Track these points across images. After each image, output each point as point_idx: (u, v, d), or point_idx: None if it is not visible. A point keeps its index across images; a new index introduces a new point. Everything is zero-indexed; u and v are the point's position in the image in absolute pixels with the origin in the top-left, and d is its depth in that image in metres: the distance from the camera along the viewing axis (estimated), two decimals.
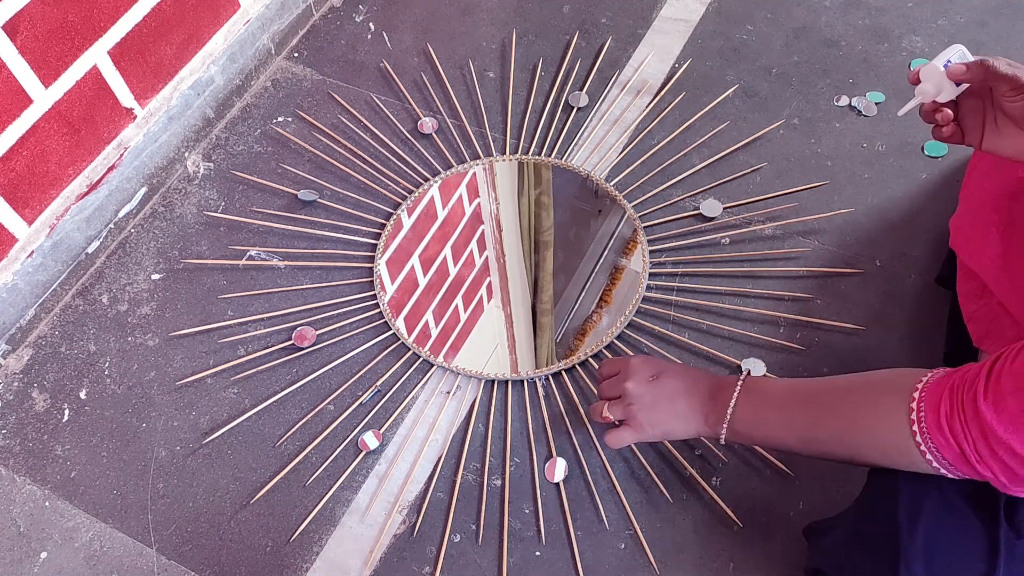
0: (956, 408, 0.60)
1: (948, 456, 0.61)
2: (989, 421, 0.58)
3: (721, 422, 0.75)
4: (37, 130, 0.93)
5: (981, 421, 0.58)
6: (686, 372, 0.80)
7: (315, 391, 0.95)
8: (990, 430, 0.58)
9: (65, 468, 0.91)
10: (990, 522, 0.62)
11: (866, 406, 0.67)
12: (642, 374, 0.80)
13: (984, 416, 0.58)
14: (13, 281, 0.95)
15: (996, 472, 0.59)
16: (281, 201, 1.08)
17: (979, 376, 0.59)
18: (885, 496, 0.67)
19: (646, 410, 0.78)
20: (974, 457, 0.59)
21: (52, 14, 0.88)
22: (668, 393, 0.78)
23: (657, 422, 0.78)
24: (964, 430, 0.59)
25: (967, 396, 0.59)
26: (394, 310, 1.00)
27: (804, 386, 0.74)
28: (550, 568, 0.84)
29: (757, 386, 0.75)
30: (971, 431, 0.59)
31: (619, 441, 0.80)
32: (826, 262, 1.00)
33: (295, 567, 0.85)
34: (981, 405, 0.58)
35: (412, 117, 1.15)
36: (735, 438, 0.75)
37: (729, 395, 0.75)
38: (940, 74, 0.69)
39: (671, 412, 0.78)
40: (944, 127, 0.71)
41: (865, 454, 0.67)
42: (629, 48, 1.20)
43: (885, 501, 0.67)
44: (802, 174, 1.06)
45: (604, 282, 1.03)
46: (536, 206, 1.10)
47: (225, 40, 1.12)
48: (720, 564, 0.83)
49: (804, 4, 1.22)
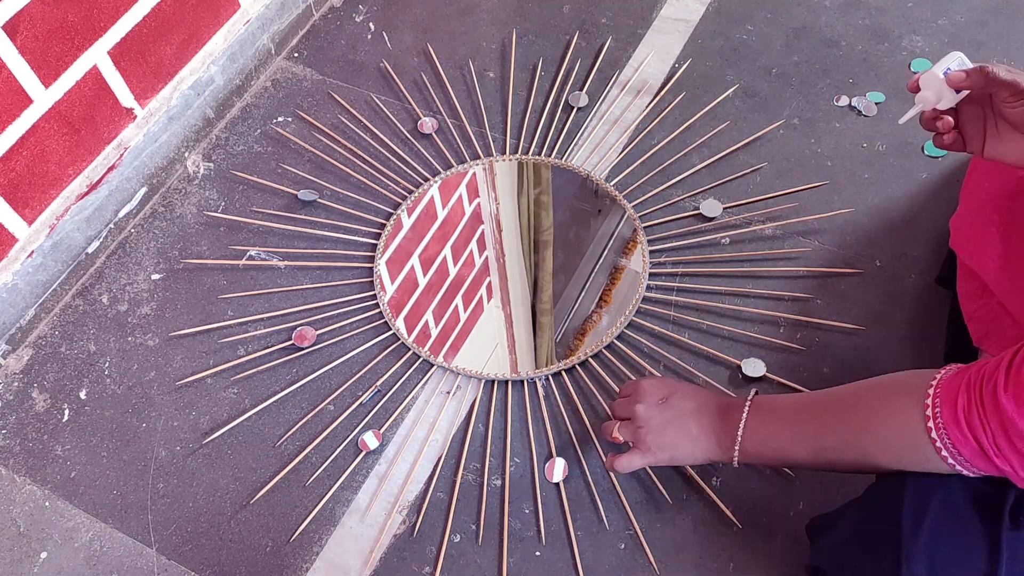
0: (974, 402, 0.60)
1: (965, 452, 0.61)
2: (1010, 414, 0.58)
3: (733, 443, 0.75)
4: (37, 130, 0.93)
5: (1001, 414, 0.58)
6: (696, 393, 0.80)
7: (315, 391, 0.95)
8: (1011, 422, 0.58)
9: (65, 468, 0.91)
10: (993, 523, 0.62)
11: (878, 408, 0.67)
12: (652, 396, 0.80)
13: (1005, 409, 0.58)
14: (13, 281, 0.95)
15: (1015, 466, 0.59)
16: (281, 201, 1.08)
17: (999, 369, 0.59)
18: (889, 496, 0.67)
19: (654, 433, 0.78)
20: (992, 451, 0.59)
21: (52, 14, 0.88)
22: (677, 415, 0.78)
23: (666, 445, 0.78)
24: (983, 423, 0.59)
25: (986, 389, 0.59)
26: (394, 310, 1.00)
27: (812, 398, 0.74)
28: (550, 568, 0.84)
29: (766, 403, 0.75)
30: (990, 424, 0.59)
31: (627, 466, 0.79)
32: (826, 262, 1.00)
33: (295, 567, 0.85)
34: (1002, 398, 0.58)
35: (412, 117, 1.15)
36: (747, 458, 0.75)
37: (739, 415, 0.75)
38: (940, 81, 0.69)
39: (681, 434, 0.77)
40: (945, 135, 0.72)
41: (877, 457, 0.67)
42: (629, 48, 1.20)
43: (889, 501, 0.67)
44: (802, 174, 1.06)
45: (604, 282, 1.03)
46: (536, 206, 1.10)
47: (225, 40, 1.12)
48: (720, 564, 0.83)
49: (804, 4, 1.22)
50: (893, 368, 0.91)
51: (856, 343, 0.94)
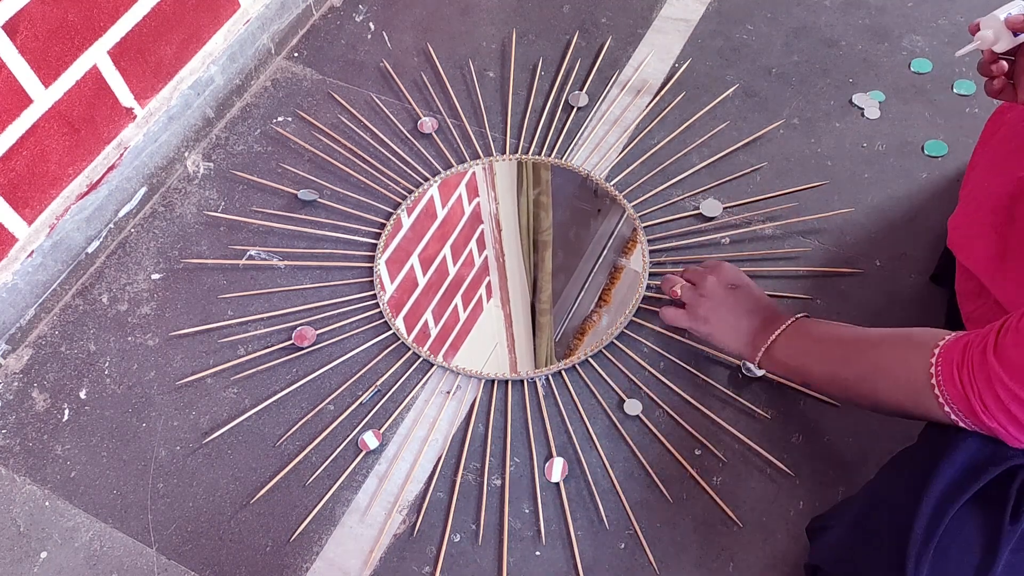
0: (967, 361, 0.63)
1: (961, 408, 0.64)
2: (997, 371, 0.61)
3: (762, 346, 0.82)
4: (37, 130, 0.93)
5: (989, 370, 0.61)
6: (759, 299, 0.87)
7: (315, 391, 0.95)
8: (998, 380, 0.61)
9: (65, 468, 0.91)
10: (994, 515, 0.63)
11: (892, 355, 0.71)
12: (726, 278, 0.89)
13: (992, 365, 0.61)
14: (13, 281, 0.95)
15: (1003, 423, 0.62)
16: (281, 201, 1.08)
17: (991, 331, 0.63)
18: (888, 492, 0.67)
19: (709, 307, 0.87)
20: (979, 407, 0.62)
21: (52, 14, 0.88)
22: (735, 305, 0.86)
23: (712, 321, 0.87)
24: (971, 380, 0.63)
25: (976, 350, 0.63)
26: (394, 310, 1.00)
27: (843, 331, 0.79)
28: (550, 568, 0.84)
29: (804, 327, 0.82)
30: (977, 382, 0.62)
31: (672, 319, 0.91)
32: (826, 262, 1.00)
33: (295, 567, 0.85)
34: (990, 356, 0.61)
35: (412, 117, 1.15)
36: (770, 365, 0.83)
37: (778, 327, 0.82)
38: (1000, 23, 0.72)
39: (728, 322, 0.86)
40: (996, 80, 0.75)
41: (885, 400, 0.72)
42: (629, 48, 1.20)
43: (888, 497, 0.67)
44: (802, 174, 1.06)
45: (604, 282, 1.03)
46: (535, 206, 1.10)
47: (225, 40, 1.12)
48: (720, 564, 0.83)
49: (804, 4, 1.22)
50: None
51: None
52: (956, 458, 0.65)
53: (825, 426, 0.89)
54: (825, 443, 0.88)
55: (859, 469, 0.86)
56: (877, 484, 0.72)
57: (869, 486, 0.73)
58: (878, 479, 0.72)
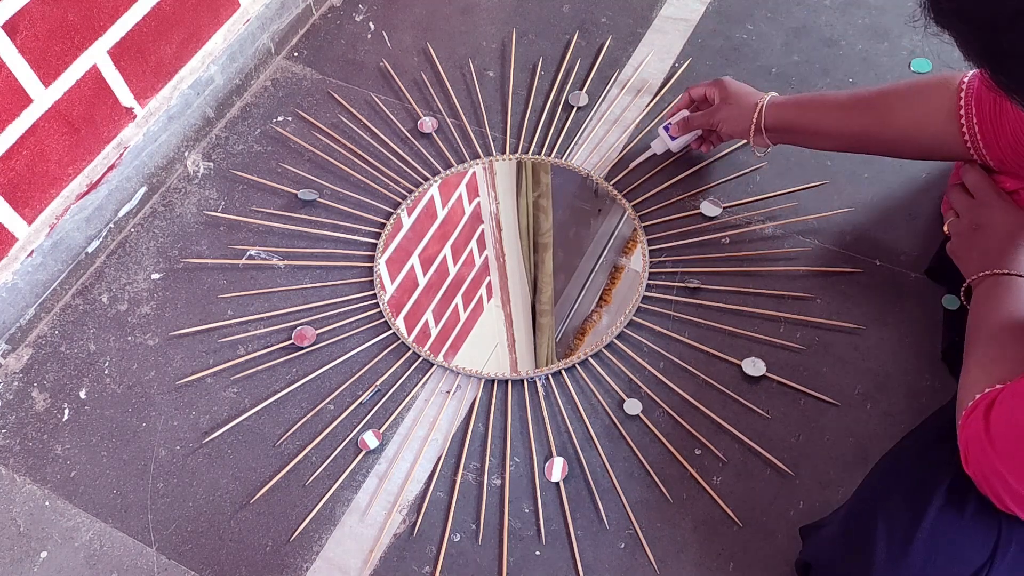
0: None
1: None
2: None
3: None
4: (37, 130, 0.92)
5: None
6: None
7: (315, 391, 0.95)
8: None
9: (65, 468, 0.91)
10: (994, 513, 0.63)
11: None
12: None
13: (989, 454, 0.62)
14: (13, 281, 0.95)
15: None
16: (281, 201, 1.08)
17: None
18: (879, 491, 0.68)
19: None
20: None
21: (52, 14, 0.88)
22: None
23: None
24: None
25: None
26: (394, 309, 1.00)
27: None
28: (550, 568, 0.84)
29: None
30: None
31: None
32: (826, 261, 1.00)
33: (295, 567, 0.85)
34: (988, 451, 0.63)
35: (412, 117, 1.15)
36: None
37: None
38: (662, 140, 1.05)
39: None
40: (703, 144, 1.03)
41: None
42: (629, 47, 1.20)
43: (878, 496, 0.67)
44: (802, 174, 1.06)
45: (604, 281, 1.03)
46: (536, 206, 1.10)
47: (225, 40, 1.12)
48: (720, 564, 0.83)
49: (804, 4, 1.22)
50: (894, 367, 0.92)
51: (856, 342, 0.94)
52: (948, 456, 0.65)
53: (825, 426, 0.89)
54: (825, 443, 0.88)
55: (859, 469, 0.86)
56: (868, 483, 0.72)
57: (861, 485, 0.73)
58: (869, 478, 0.73)
